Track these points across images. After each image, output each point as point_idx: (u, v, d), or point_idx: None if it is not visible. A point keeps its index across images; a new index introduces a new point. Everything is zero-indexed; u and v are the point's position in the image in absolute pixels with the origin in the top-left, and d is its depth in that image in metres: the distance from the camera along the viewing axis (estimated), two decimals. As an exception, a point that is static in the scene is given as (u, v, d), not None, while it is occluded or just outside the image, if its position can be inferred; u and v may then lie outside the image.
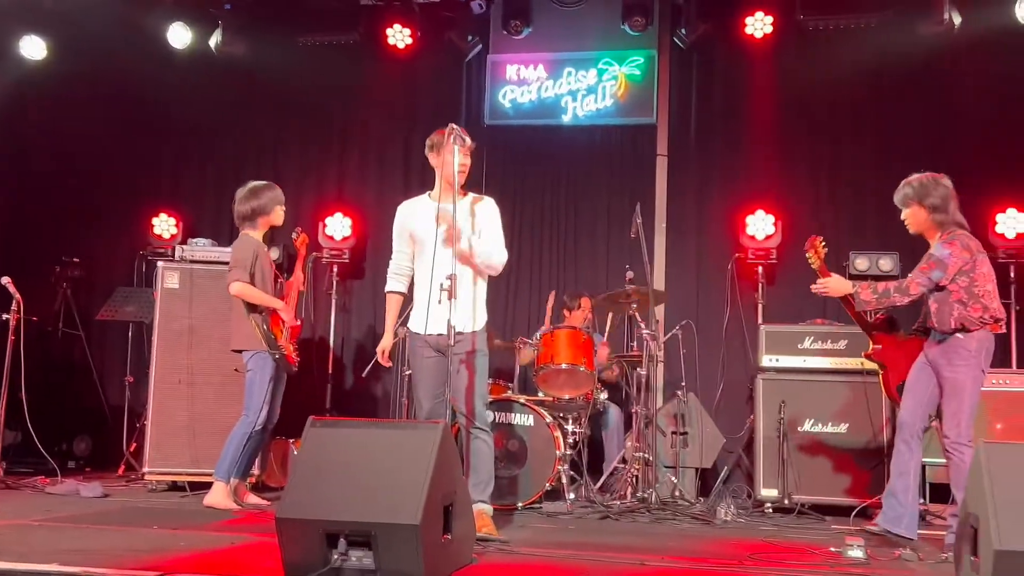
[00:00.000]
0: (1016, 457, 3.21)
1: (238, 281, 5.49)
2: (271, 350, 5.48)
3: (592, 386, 6.19)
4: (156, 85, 8.43)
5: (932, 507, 6.03)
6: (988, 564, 3.00)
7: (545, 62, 8.29)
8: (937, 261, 4.51)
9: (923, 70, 7.54)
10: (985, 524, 3.06)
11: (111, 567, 3.34)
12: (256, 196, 5.71)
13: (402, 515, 3.16)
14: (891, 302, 4.62)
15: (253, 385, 5.52)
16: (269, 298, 5.56)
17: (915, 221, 4.74)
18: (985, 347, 4.52)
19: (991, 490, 3.08)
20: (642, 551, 4.21)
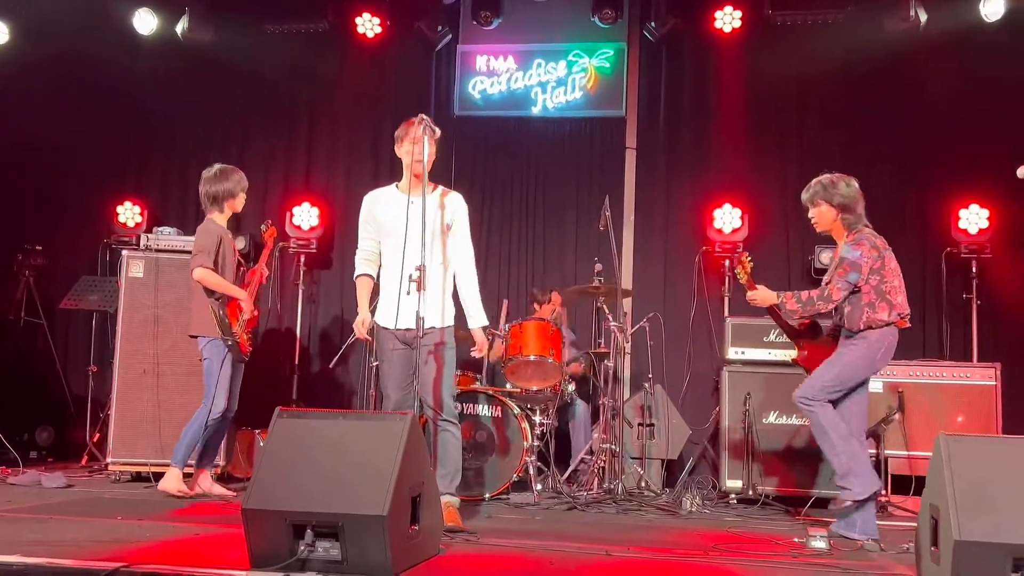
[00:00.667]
0: (976, 449, 3.25)
1: (201, 267, 5.46)
2: (224, 336, 5.45)
3: (560, 378, 6.21)
4: (121, 71, 8.32)
5: (894, 498, 6.10)
6: (948, 555, 3.04)
7: (515, 53, 8.28)
8: (851, 264, 4.62)
9: (889, 66, 7.63)
10: (945, 515, 3.10)
11: (74, 558, 3.30)
12: (225, 178, 5.67)
13: (369, 506, 3.16)
14: (816, 310, 4.72)
15: (211, 372, 5.50)
16: (231, 287, 5.55)
17: (822, 220, 4.85)
18: (886, 342, 4.62)
19: (951, 482, 3.12)
20: (608, 542, 4.22)
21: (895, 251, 7.40)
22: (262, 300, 7.95)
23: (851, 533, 4.57)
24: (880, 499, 6.02)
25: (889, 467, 6.19)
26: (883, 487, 4.70)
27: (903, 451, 6.19)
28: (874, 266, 4.61)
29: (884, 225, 7.41)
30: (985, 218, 7.16)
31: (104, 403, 6.98)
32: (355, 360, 7.65)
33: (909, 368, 6.35)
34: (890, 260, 4.69)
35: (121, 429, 6.31)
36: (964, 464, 3.18)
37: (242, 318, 5.59)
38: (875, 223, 7.40)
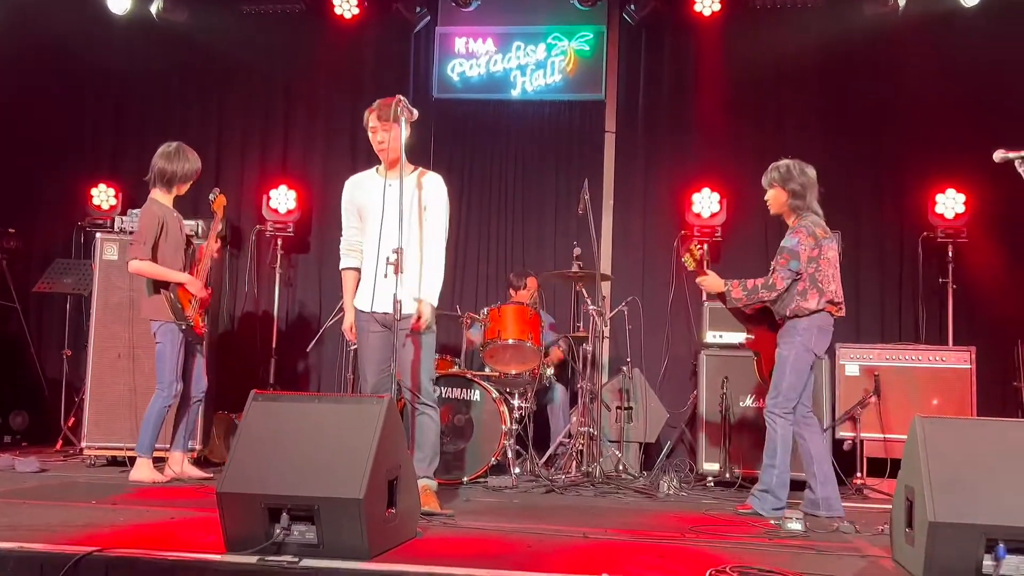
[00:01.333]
0: (951, 432, 3.28)
1: (136, 259, 5.39)
2: (177, 321, 5.40)
3: (538, 361, 6.21)
4: (95, 53, 8.20)
5: (869, 480, 6.15)
6: (922, 536, 3.07)
7: (494, 36, 8.22)
8: (790, 252, 4.74)
9: (868, 51, 7.64)
10: (920, 497, 3.13)
11: (46, 543, 3.26)
12: (185, 159, 5.57)
13: (345, 489, 3.14)
14: (759, 298, 4.83)
15: (163, 357, 5.45)
16: (171, 273, 5.44)
17: (775, 203, 4.99)
18: (816, 326, 4.76)
19: (926, 463, 3.15)
20: (585, 524, 4.23)
21: (872, 235, 7.54)
22: (238, 281, 8.01)
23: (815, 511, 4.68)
24: (856, 481, 6.11)
25: (865, 450, 6.24)
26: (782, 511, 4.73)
27: (879, 434, 6.23)
28: (811, 254, 4.73)
29: (861, 209, 7.58)
30: (962, 203, 7.20)
31: (79, 387, 6.92)
32: (333, 343, 7.61)
33: (885, 351, 6.39)
34: (828, 250, 4.79)
35: (96, 413, 6.26)
36: (939, 446, 3.21)
37: (194, 301, 5.51)
38: (852, 207, 7.53)
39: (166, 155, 5.57)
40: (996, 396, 6.97)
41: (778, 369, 4.83)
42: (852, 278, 7.46)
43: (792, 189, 4.87)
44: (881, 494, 5.90)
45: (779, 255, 4.78)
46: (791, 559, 3.56)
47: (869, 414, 6.26)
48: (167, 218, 5.50)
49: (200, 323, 5.55)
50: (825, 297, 4.74)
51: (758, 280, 4.80)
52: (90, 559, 3.07)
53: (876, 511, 5.11)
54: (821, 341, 4.81)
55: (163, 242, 5.45)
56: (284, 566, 3.07)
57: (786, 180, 4.89)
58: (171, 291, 5.40)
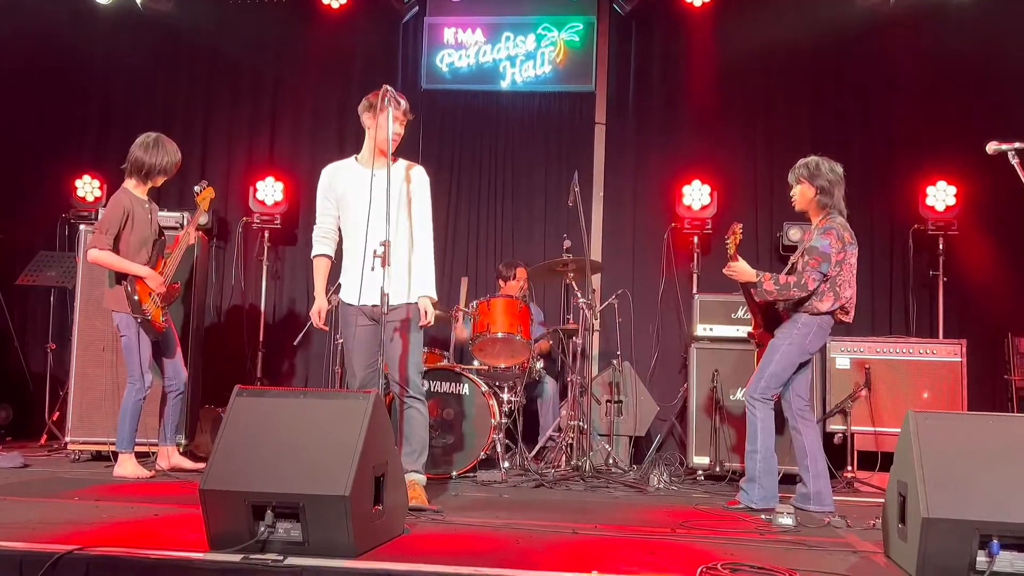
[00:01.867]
0: (945, 426, 3.25)
1: (95, 249, 5.31)
2: (134, 314, 5.32)
3: (528, 355, 6.16)
4: (79, 42, 8.13)
5: (860, 474, 6.14)
6: (915, 532, 3.04)
7: (483, 26, 8.16)
8: (821, 254, 4.69)
9: (859, 41, 7.61)
10: (913, 492, 3.10)
11: (26, 540, 3.21)
12: (164, 152, 5.49)
13: (331, 486, 3.09)
14: (789, 296, 4.77)
15: (130, 349, 5.38)
16: (130, 265, 5.36)
17: (802, 199, 4.93)
18: (816, 324, 4.76)
19: (920, 458, 3.11)
20: (575, 519, 4.20)
21: (862, 227, 7.48)
22: (224, 274, 7.94)
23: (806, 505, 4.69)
24: (846, 475, 6.09)
25: (855, 443, 6.22)
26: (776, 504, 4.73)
27: (869, 427, 6.22)
28: (838, 257, 4.71)
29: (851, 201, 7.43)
30: (952, 195, 7.18)
31: (63, 381, 6.84)
32: (320, 337, 7.54)
33: (876, 345, 6.37)
34: (851, 255, 4.77)
35: (80, 407, 6.19)
36: (933, 441, 3.18)
37: (154, 295, 5.42)
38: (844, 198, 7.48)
39: (144, 146, 5.49)
40: (987, 389, 6.98)
41: (767, 355, 4.85)
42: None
43: (820, 185, 4.82)
44: (872, 488, 5.88)
45: (809, 255, 4.71)
46: (782, 555, 3.53)
47: (860, 407, 6.24)
48: (135, 209, 5.42)
49: (160, 318, 5.45)
50: (839, 302, 4.73)
51: (790, 277, 4.74)
52: (70, 558, 3.02)
53: (867, 505, 5.10)
54: (817, 340, 4.81)
55: (128, 233, 5.37)
56: (269, 564, 3.02)
57: (814, 176, 4.84)
58: (129, 283, 5.33)
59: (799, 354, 4.80)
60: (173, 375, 5.64)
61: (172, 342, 5.66)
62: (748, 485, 4.80)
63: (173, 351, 5.66)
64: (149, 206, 5.54)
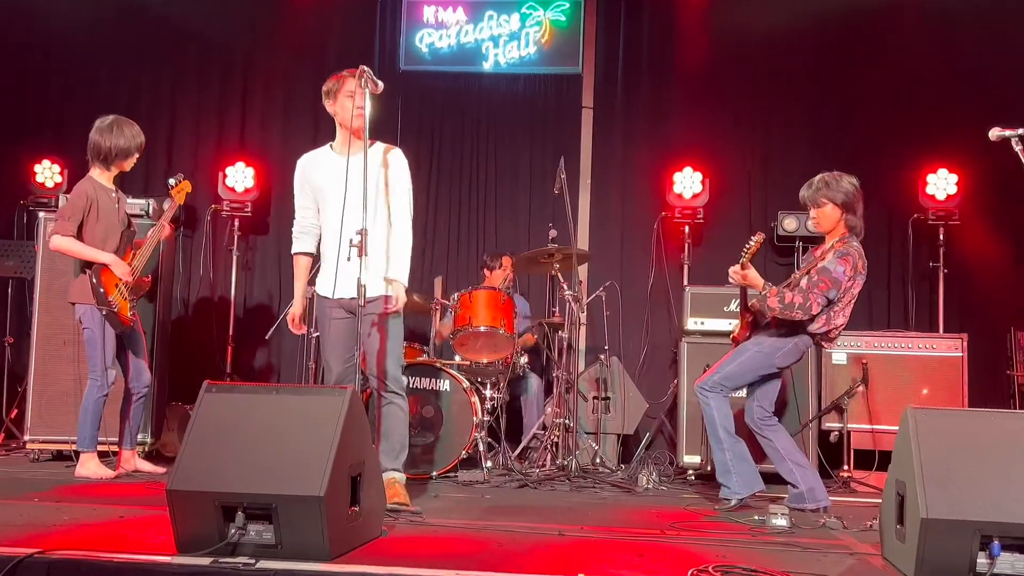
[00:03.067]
0: (944, 423, 3.27)
1: (58, 235, 5.28)
2: (99, 305, 5.28)
3: (512, 350, 6.17)
4: (38, 19, 8.05)
5: (857, 474, 6.18)
6: (914, 532, 3.06)
7: (465, 4, 8.15)
8: (834, 281, 4.63)
9: (857, 25, 7.66)
10: (912, 492, 3.12)
11: (-16, 544, 3.20)
12: (119, 134, 5.43)
13: (305, 486, 3.08)
14: (791, 316, 4.72)
15: (92, 343, 5.34)
16: (95, 252, 5.32)
17: (825, 221, 4.81)
18: (794, 343, 4.78)
19: (918, 457, 3.13)
20: (561, 521, 4.21)
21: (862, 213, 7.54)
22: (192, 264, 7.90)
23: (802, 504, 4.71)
24: (842, 474, 6.13)
25: (852, 441, 6.26)
26: (763, 488, 4.84)
27: (866, 425, 6.26)
28: (847, 285, 4.67)
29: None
30: (954, 183, 7.23)
31: (22, 376, 6.80)
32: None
33: (874, 339, 6.41)
34: (857, 285, 4.74)
35: (40, 404, 6.16)
36: (932, 439, 3.19)
37: (121, 285, 5.38)
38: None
39: (100, 130, 5.44)
40: (988, 385, 7.03)
41: (734, 354, 4.87)
42: (839, 262, 7.48)
43: (844, 202, 4.72)
44: (869, 487, 5.93)
45: (820, 276, 4.63)
46: (776, 557, 3.55)
47: (856, 404, 6.28)
48: (100, 197, 5.38)
49: (128, 311, 5.42)
50: (827, 327, 4.72)
51: (796, 297, 4.64)
52: (30, 562, 3.00)
53: (864, 505, 5.13)
54: (788, 357, 4.82)
55: (92, 221, 5.33)
56: (240, 568, 3.01)
57: (836, 194, 4.72)
58: (94, 273, 5.29)
59: (764, 364, 4.81)
60: (135, 377, 5.61)
61: (139, 341, 5.62)
62: (725, 478, 4.83)
63: (139, 351, 5.62)
64: (116, 195, 5.50)
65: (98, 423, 5.40)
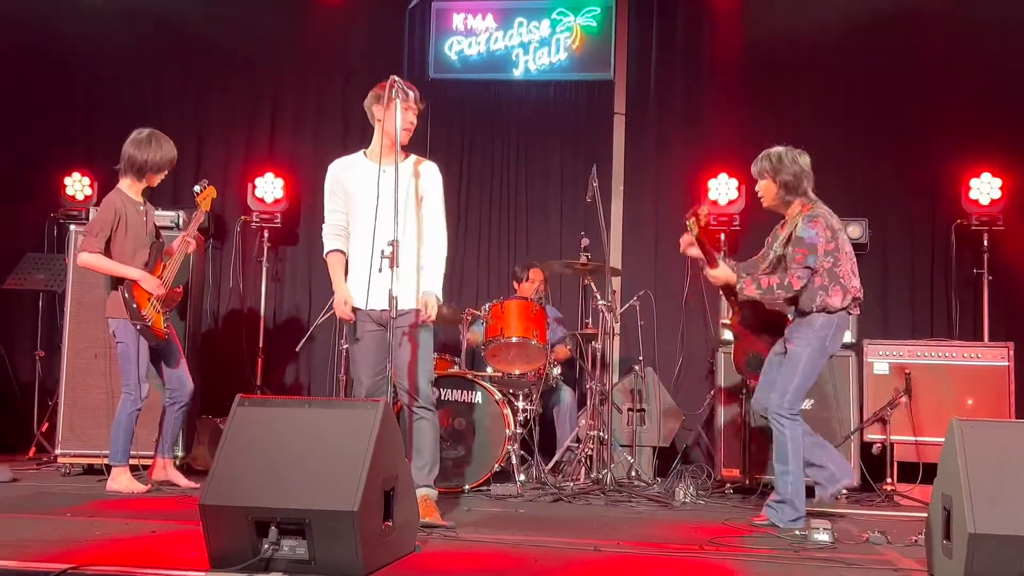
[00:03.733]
0: (992, 435, 3.23)
1: (85, 252, 5.36)
2: (133, 320, 5.35)
3: (544, 361, 6.16)
4: (67, 33, 8.17)
5: (900, 487, 6.11)
6: (962, 548, 3.03)
7: (494, 11, 8.19)
8: (808, 246, 4.61)
9: (895, 25, 7.58)
10: (959, 506, 3.08)
11: (19, 559, 3.23)
12: (157, 148, 5.51)
13: (339, 501, 3.10)
14: (775, 298, 4.72)
15: (127, 357, 5.41)
16: (123, 268, 5.39)
17: (767, 195, 4.87)
18: (835, 324, 4.70)
19: (965, 470, 3.10)
20: (596, 536, 4.21)
21: (900, 223, 7.51)
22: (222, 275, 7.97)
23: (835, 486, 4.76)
24: (885, 487, 6.07)
25: (895, 453, 6.20)
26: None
27: (910, 436, 6.19)
28: (828, 247, 4.64)
29: (888, 196, 7.53)
30: (998, 188, 7.14)
31: (53, 390, 6.89)
32: (323, 342, 7.58)
33: (917, 348, 6.35)
34: (845, 243, 4.72)
35: (71, 418, 6.23)
36: (979, 451, 3.16)
37: (153, 299, 5.44)
38: (878, 193, 7.50)
39: (136, 142, 5.52)
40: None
41: (789, 367, 4.73)
42: (879, 270, 7.44)
43: (784, 180, 4.74)
44: (913, 501, 5.86)
45: (795, 248, 4.65)
46: (819, 573, 3.53)
47: (899, 415, 6.22)
48: (128, 210, 5.45)
49: (162, 324, 5.48)
50: (850, 294, 4.68)
51: (772, 279, 4.66)
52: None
53: (908, 520, 5.08)
54: (838, 339, 4.76)
55: (121, 235, 5.41)
56: (273, 584, 3.04)
57: (777, 170, 4.75)
58: (126, 288, 5.35)
59: (822, 357, 4.74)
60: (177, 386, 5.66)
61: (175, 351, 5.68)
62: (779, 506, 4.70)
63: (176, 360, 5.68)
64: (144, 207, 5.58)
65: (131, 437, 5.46)
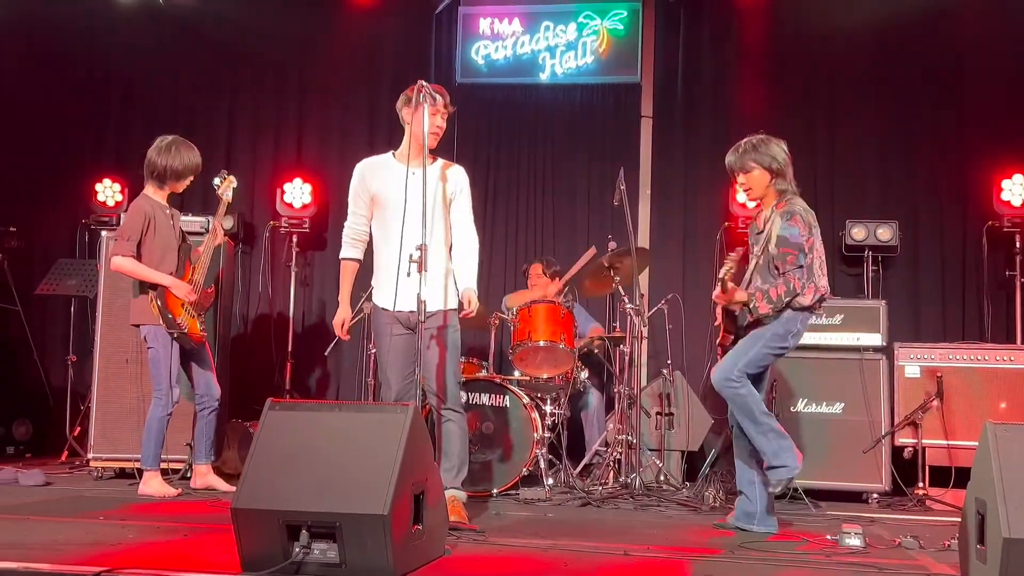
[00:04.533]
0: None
1: (118, 256, 5.40)
2: (169, 329, 5.38)
3: (572, 364, 6.16)
4: (98, 39, 8.28)
5: (932, 491, 6.06)
6: (996, 553, 2.99)
7: (521, 15, 8.20)
8: (794, 245, 4.55)
9: (926, 25, 7.52)
10: (993, 510, 3.05)
11: (52, 562, 3.27)
12: (179, 155, 5.55)
13: (369, 505, 3.11)
14: (787, 304, 4.60)
15: (157, 362, 5.44)
16: (154, 274, 5.42)
17: (756, 186, 4.77)
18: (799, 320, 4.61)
19: (999, 474, 3.07)
20: (626, 540, 4.19)
21: (931, 225, 7.46)
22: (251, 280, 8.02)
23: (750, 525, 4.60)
24: (917, 492, 6.02)
25: (927, 458, 6.14)
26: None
27: (942, 440, 6.13)
28: (808, 244, 4.58)
29: (919, 197, 7.49)
30: (1030, 189, 7.08)
31: (84, 395, 6.95)
32: (352, 347, 7.60)
33: (948, 351, 6.29)
34: (817, 240, 4.65)
35: (103, 423, 6.27)
36: (1013, 455, 3.12)
37: (186, 305, 5.48)
38: (910, 194, 7.45)
39: (158, 149, 5.56)
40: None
41: (746, 342, 4.64)
42: (910, 272, 7.40)
43: (775, 169, 4.68)
44: (945, 506, 5.81)
45: (781, 248, 4.55)
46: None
47: (931, 419, 6.16)
48: (157, 214, 5.50)
49: (199, 328, 5.53)
50: (819, 292, 4.60)
51: (778, 289, 4.52)
52: (98, 580, 3.08)
53: (940, 524, 5.03)
54: (799, 336, 4.67)
55: (150, 240, 5.45)
56: (304, 587, 3.06)
57: (763, 157, 4.69)
58: (159, 296, 5.39)
59: (780, 347, 4.64)
60: (205, 391, 5.71)
61: (205, 355, 5.74)
62: (778, 457, 4.51)
63: (207, 364, 5.73)
64: (171, 212, 5.63)
65: (162, 441, 5.51)
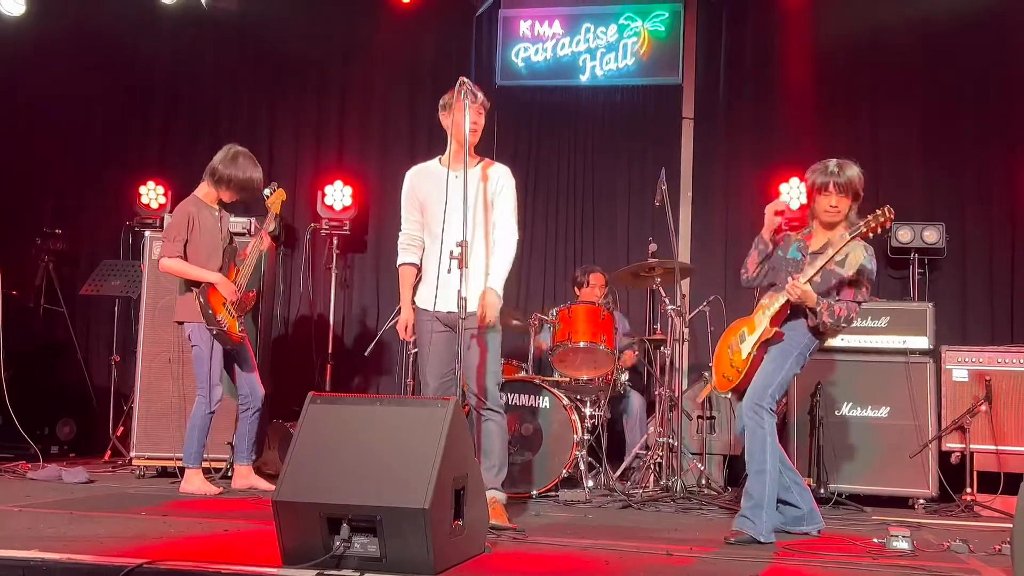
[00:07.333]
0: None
1: (166, 257, 5.48)
2: (209, 325, 5.44)
3: (612, 366, 6.12)
4: (142, 44, 8.40)
5: (981, 497, 5.94)
6: (1051, 554, 2.93)
7: (561, 17, 8.19)
8: (870, 280, 4.51)
9: (972, 23, 7.39)
10: (1048, 511, 2.99)
11: (94, 554, 3.29)
12: (234, 165, 5.63)
13: (410, 498, 3.10)
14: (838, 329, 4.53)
15: (200, 360, 5.51)
16: (201, 272, 5.50)
17: (842, 213, 4.66)
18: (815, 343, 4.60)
19: (1054, 473, 3.00)
20: (667, 542, 4.14)
21: (979, 226, 7.39)
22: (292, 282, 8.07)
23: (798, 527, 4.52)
24: (965, 498, 5.90)
25: (975, 463, 6.03)
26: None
27: (990, 445, 6.01)
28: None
29: (966, 198, 7.38)
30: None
31: (127, 394, 7.03)
32: (391, 348, 7.62)
33: (997, 355, 6.16)
34: None
35: (145, 422, 6.32)
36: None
37: (228, 304, 5.54)
38: (957, 196, 7.36)
39: (224, 158, 5.66)
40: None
41: (776, 360, 4.50)
42: (957, 273, 7.29)
43: (858, 201, 4.65)
44: (994, 512, 5.68)
45: (862, 278, 4.47)
46: (900, 580, 3.44)
47: (979, 423, 6.04)
48: (201, 214, 5.58)
49: (237, 328, 5.58)
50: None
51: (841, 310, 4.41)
52: (140, 571, 3.09)
53: (990, 530, 4.93)
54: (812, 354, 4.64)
55: (195, 240, 5.53)
56: (345, 581, 3.05)
57: (859, 187, 4.64)
58: (202, 292, 5.46)
59: (801, 366, 4.59)
60: (249, 391, 5.76)
61: (248, 356, 5.78)
62: (754, 511, 4.30)
63: (249, 365, 5.78)
64: (219, 213, 5.70)
65: (204, 440, 5.56)
